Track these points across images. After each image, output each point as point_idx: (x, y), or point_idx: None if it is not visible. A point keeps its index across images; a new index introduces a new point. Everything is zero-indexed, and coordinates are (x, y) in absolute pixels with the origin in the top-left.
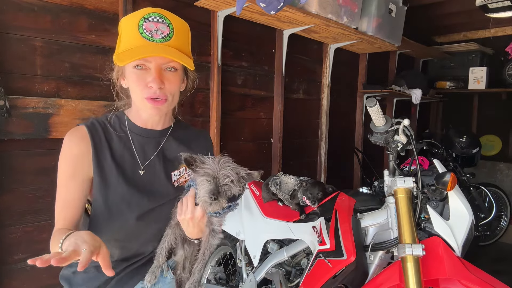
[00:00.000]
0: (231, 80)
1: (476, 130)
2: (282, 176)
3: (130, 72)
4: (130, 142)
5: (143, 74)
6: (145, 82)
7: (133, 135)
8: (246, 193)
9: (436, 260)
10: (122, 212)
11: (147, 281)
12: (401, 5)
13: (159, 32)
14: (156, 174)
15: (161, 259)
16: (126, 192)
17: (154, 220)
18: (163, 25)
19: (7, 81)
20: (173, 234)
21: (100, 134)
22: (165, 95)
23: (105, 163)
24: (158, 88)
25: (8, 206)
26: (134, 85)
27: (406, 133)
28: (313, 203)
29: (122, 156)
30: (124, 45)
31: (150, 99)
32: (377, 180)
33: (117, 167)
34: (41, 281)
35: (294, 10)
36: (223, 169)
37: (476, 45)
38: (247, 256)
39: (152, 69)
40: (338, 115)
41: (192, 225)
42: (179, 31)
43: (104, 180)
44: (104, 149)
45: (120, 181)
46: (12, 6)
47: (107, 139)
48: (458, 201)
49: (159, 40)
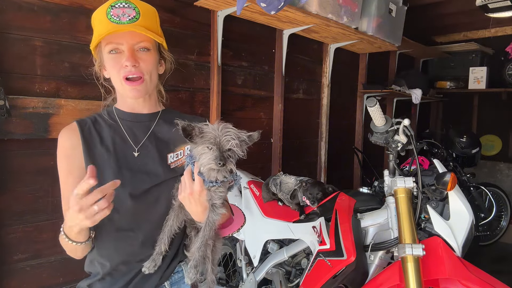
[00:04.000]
0: (231, 80)
1: (476, 130)
2: (282, 176)
3: (107, 59)
4: (120, 128)
5: (118, 57)
6: (120, 64)
7: (122, 121)
8: (246, 193)
9: (436, 260)
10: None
11: (146, 268)
12: (401, 5)
13: (125, 15)
14: (149, 155)
15: (163, 245)
16: (117, 173)
17: (154, 202)
18: (129, 9)
19: (7, 81)
20: (176, 218)
21: (89, 125)
22: (141, 72)
23: (95, 150)
24: (132, 66)
25: (8, 206)
26: (111, 69)
27: (406, 133)
28: (313, 203)
29: (113, 141)
30: (96, 33)
31: (127, 80)
32: (377, 180)
33: (108, 151)
34: (41, 281)
35: (294, 10)
36: (224, 134)
37: (476, 45)
38: (247, 256)
39: (125, 50)
40: (338, 115)
41: (193, 202)
42: (145, 12)
43: (96, 166)
44: (93, 138)
45: (111, 164)
46: (12, 6)
47: (97, 129)
48: (458, 201)
49: (127, 22)
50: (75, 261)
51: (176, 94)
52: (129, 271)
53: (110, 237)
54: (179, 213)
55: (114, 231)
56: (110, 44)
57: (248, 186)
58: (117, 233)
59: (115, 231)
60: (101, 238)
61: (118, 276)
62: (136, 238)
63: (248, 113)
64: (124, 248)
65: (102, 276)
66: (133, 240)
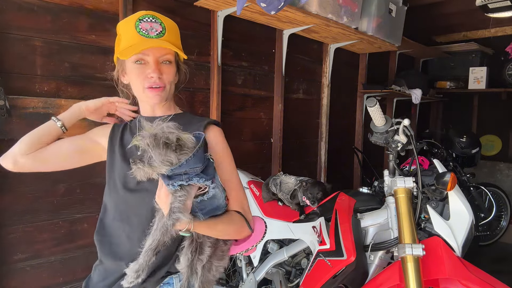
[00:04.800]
0: (231, 80)
1: (476, 130)
2: (282, 176)
3: (131, 68)
4: (137, 130)
5: (143, 67)
6: (145, 74)
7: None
8: (246, 193)
9: (436, 260)
10: (115, 184)
11: (126, 282)
12: (401, 5)
13: (153, 30)
14: None
15: (146, 256)
16: (121, 167)
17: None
18: (156, 24)
19: (7, 81)
20: (163, 227)
21: (119, 127)
22: (164, 83)
23: (115, 147)
24: (158, 78)
25: (8, 206)
26: (135, 78)
27: (406, 133)
28: (313, 203)
29: (128, 141)
30: (125, 43)
31: (150, 88)
32: (377, 180)
33: (123, 149)
34: (41, 281)
35: (294, 10)
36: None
37: (476, 45)
38: (247, 256)
39: (151, 62)
40: (338, 115)
41: (162, 205)
42: (170, 29)
43: (111, 161)
44: (117, 137)
45: (120, 160)
46: (12, 6)
47: (122, 131)
48: (458, 201)
49: (155, 36)
50: (75, 261)
51: (176, 94)
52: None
53: (106, 225)
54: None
55: (111, 219)
56: (136, 55)
57: (248, 186)
58: (112, 222)
59: (111, 220)
60: (102, 226)
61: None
62: (124, 230)
63: (248, 113)
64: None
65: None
66: (121, 231)
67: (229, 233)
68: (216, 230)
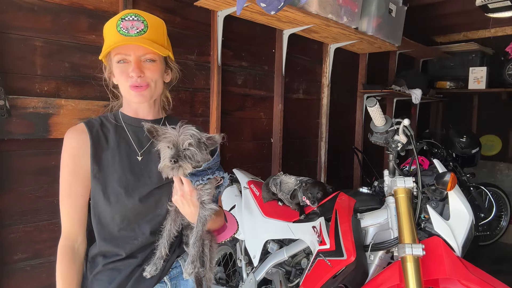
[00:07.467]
0: (231, 80)
1: (476, 130)
2: (282, 176)
3: (115, 67)
4: (126, 132)
5: (125, 66)
6: (127, 73)
7: (127, 125)
8: (246, 193)
9: (436, 260)
10: (119, 197)
11: (147, 272)
12: (401, 5)
13: (134, 28)
14: (152, 160)
15: (163, 249)
16: (122, 176)
17: (155, 204)
18: (138, 22)
19: (7, 81)
20: (173, 222)
21: (97, 128)
22: (146, 82)
23: (102, 153)
24: (138, 77)
25: (8, 206)
26: (119, 77)
27: (406, 133)
28: (313, 203)
29: (118, 145)
30: (106, 44)
31: (133, 86)
32: (377, 180)
33: (113, 154)
34: (41, 281)
35: (294, 10)
36: (182, 134)
37: (476, 45)
38: (247, 256)
39: (132, 61)
40: (338, 115)
41: (186, 202)
42: (153, 26)
43: (101, 168)
44: (101, 140)
45: (116, 167)
46: (12, 6)
47: (104, 132)
48: (458, 201)
49: (134, 35)
50: None
51: (176, 94)
52: (127, 266)
53: (111, 236)
54: (176, 218)
55: (117, 231)
56: (119, 55)
57: (248, 186)
58: (118, 233)
59: (117, 231)
60: (103, 237)
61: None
62: (136, 238)
63: (248, 113)
64: (124, 247)
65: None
66: (133, 240)
67: (220, 222)
68: (220, 216)
